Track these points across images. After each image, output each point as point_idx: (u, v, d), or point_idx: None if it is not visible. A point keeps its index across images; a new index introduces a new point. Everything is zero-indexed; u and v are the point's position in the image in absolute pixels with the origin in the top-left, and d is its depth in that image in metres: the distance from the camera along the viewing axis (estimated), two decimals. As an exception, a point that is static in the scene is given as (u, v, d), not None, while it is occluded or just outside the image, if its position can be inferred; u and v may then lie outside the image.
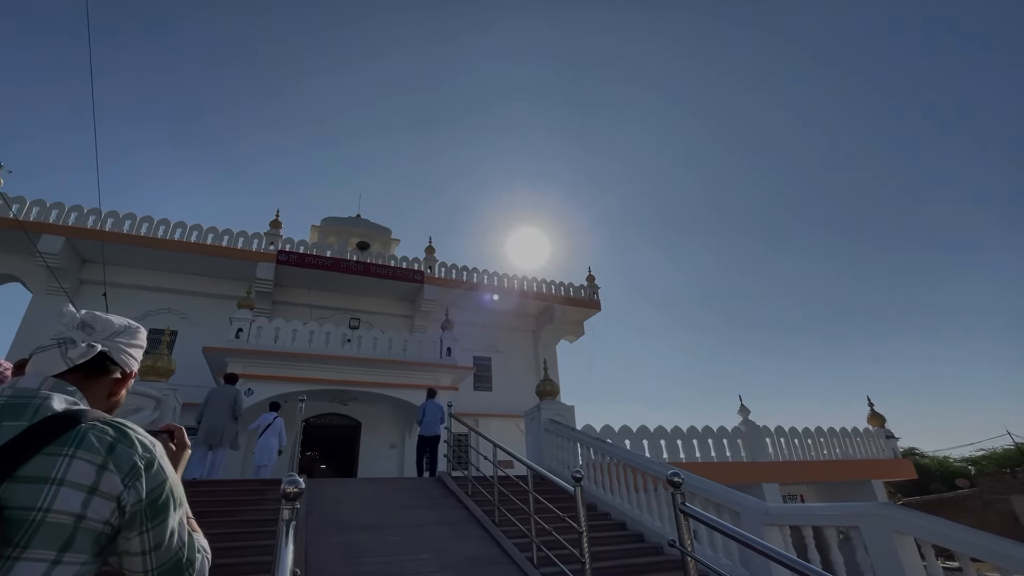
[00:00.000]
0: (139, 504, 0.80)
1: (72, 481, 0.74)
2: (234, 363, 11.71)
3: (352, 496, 5.96)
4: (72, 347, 0.89)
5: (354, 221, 19.27)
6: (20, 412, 0.78)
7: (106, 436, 0.80)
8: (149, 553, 0.82)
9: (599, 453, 7.54)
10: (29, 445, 0.74)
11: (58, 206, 14.00)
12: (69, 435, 0.77)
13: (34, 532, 0.70)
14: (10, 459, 0.72)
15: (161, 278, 15.42)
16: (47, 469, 0.73)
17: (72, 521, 0.73)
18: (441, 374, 13.68)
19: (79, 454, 0.76)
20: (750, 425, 10.31)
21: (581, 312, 20.11)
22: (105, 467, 0.77)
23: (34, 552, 0.69)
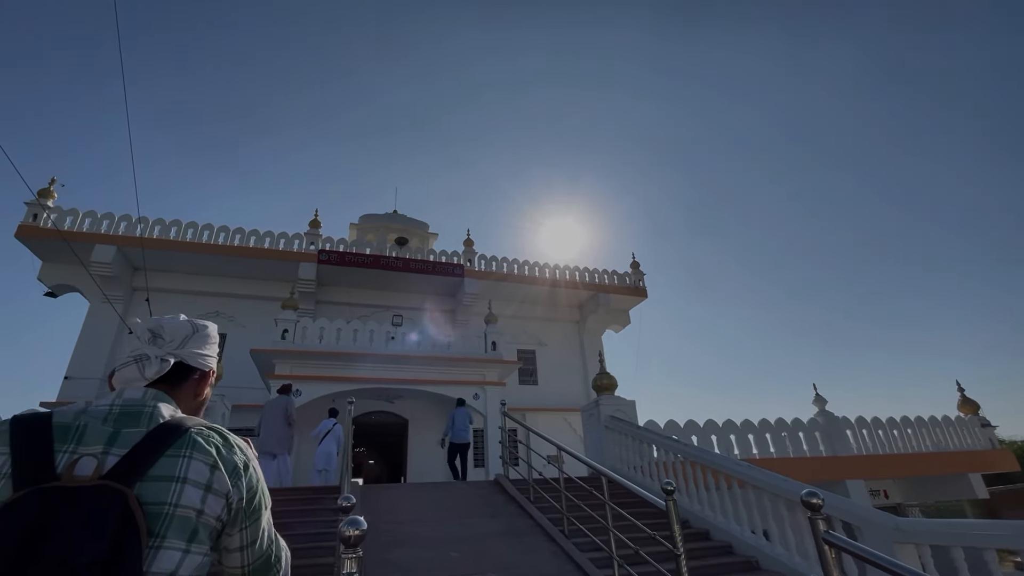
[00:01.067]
0: (241, 502, 0.89)
1: (192, 479, 0.83)
2: (281, 364, 11.65)
3: (409, 505, 5.58)
4: (147, 365, 0.94)
5: (392, 217, 19.09)
6: (137, 419, 0.86)
7: (212, 440, 0.89)
8: (246, 548, 0.91)
9: (665, 451, 6.94)
10: (154, 449, 0.83)
11: (108, 216, 14.33)
12: (182, 439, 0.86)
13: (169, 524, 0.78)
14: (143, 461, 0.81)
15: (209, 282, 15.64)
16: (171, 469, 0.82)
17: (195, 515, 0.82)
18: (487, 369, 13.28)
19: (195, 455, 0.85)
20: (828, 416, 9.41)
21: (627, 300, 19.32)
22: (216, 467, 0.86)
23: (171, 542, 0.78)
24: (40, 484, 0.74)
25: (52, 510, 0.71)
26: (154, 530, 0.77)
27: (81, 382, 13.51)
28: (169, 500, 0.79)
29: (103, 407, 0.87)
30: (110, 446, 0.81)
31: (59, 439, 0.80)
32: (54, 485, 0.74)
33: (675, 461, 6.96)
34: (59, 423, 0.83)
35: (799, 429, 9.05)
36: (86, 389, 13.46)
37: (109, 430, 0.83)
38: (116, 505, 0.74)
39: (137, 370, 0.93)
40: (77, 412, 0.86)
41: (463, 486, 6.64)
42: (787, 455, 8.74)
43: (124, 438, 0.82)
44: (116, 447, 0.81)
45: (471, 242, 17.88)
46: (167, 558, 0.76)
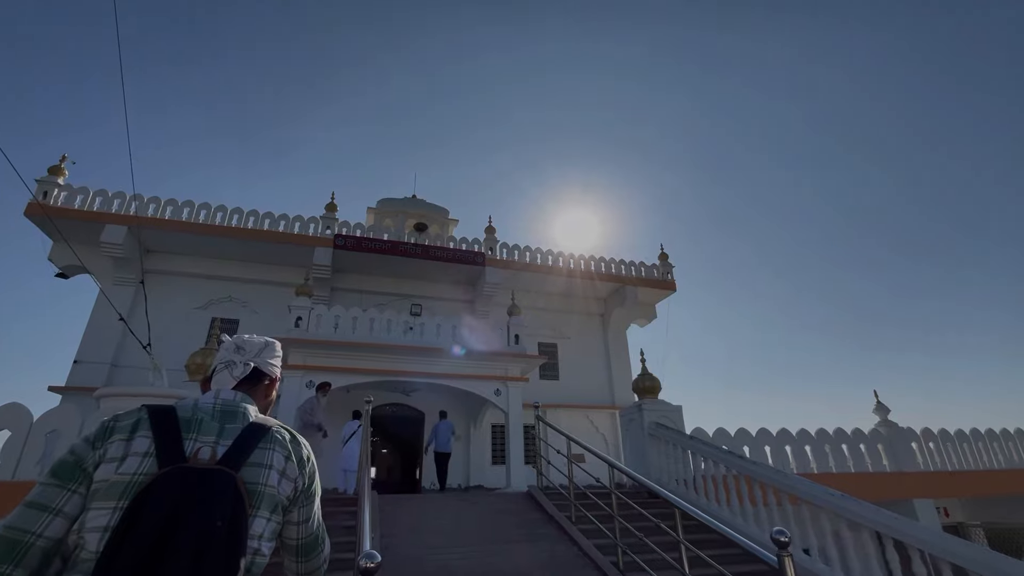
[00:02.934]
0: (303, 486, 1.16)
1: (275, 467, 1.09)
2: (293, 354, 11.04)
3: (433, 523, 4.87)
4: (235, 368, 1.24)
5: (410, 202, 18.36)
6: (235, 417, 1.13)
7: (286, 437, 1.16)
8: (301, 524, 1.16)
9: (715, 463, 6.15)
10: (250, 441, 1.09)
11: (120, 196, 13.82)
12: (268, 436, 1.12)
13: (261, 499, 1.04)
14: (244, 451, 1.07)
15: (222, 267, 15.11)
16: (262, 458, 1.08)
17: (276, 493, 1.07)
18: (510, 364, 12.54)
19: (276, 448, 1.11)
20: (892, 427, 8.50)
21: (653, 294, 18.41)
22: (289, 458, 1.13)
23: (262, 512, 1.04)
24: (177, 464, 0.98)
25: (191, 484, 0.96)
26: (252, 503, 1.03)
27: (91, 366, 13.09)
28: (261, 481, 1.05)
29: (208, 404, 1.14)
30: (219, 438, 1.07)
31: (184, 430, 1.05)
32: (187, 466, 0.99)
33: (726, 475, 6.19)
34: (182, 417, 1.08)
35: (860, 441, 8.15)
36: (96, 374, 13.04)
37: (217, 425, 1.09)
38: (231, 484, 0.99)
39: (228, 373, 1.23)
40: (192, 408, 1.12)
41: (493, 500, 5.91)
42: (847, 470, 7.87)
43: (228, 432, 1.09)
44: (223, 439, 1.07)
45: (493, 229, 17.09)
46: (258, 524, 1.03)
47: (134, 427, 1.03)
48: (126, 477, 0.95)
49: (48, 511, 0.92)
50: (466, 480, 14.83)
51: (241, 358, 1.25)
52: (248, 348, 1.27)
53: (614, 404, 17.33)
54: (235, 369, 1.23)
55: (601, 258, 17.94)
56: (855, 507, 4.75)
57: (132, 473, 0.95)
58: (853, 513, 4.77)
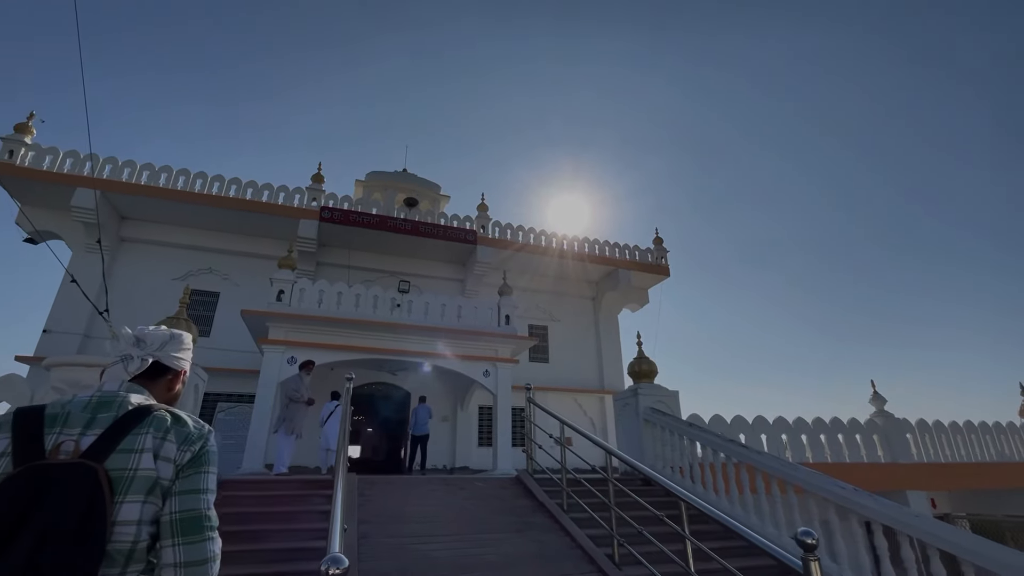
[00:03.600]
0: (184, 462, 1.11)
1: (149, 448, 1.06)
2: (275, 328, 10.60)
3: (416, 510, 4.55)
4: (130, 363, 1.21)
5: (401, 176, 17.76)
6: (109, 406, 1.11)
7: (166, 419, 1.12)
8: (176, 496, 1.08)
9: (713, 451, 5.92)
10: (121, 428, 1.07)
11: (92, 158, 13.08)
12: (146, 420, 1.10)
13: (130, 484, 1.02)
14: (112, 438, 1.04)
15: (202, 236, 14.51)
16: (133, 443, 1.05)
17: (151, 475, 1.05)
18: (499, 344, 12.22)
19: (151, 432, 1.08)
20: (887, 418, 8.35)
21: (646, 278, 18.15)
22: (167, 439, 1.09)
23: (132, 497, 1.01)
24: (32, 462, 0.97)
25: (41, 482, 0.94)
26: (118, 490, 1.00)
27: (62, 336, 12.54)
28: (131, 466, 1.03)
29: (85, 398, 1.13)
30: (87, 429, 1.06)
31: (48, 425, 1.05)
32: (42, 464, 0.97)
33: (722, 462, 5.97)
34: (48, 413, 1.07)
35: (856, 431, 7.99)
36: (67, 344, 12.49)
37: (88, 416, 1.08)
38: (89, 476, 0.97)
39: (122, 367, 1.20)
40: (64, 403, 1.10)
41: (481, 486, 5.61)
42: (843, 460, 7.71)
43: (98, 422, 1.07)
44: (92, 429, 1.06)
45: (485, 207, 16.60)
46: (130, 509, 1.00)
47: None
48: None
49: None
50: (451, 461, 14.62)
51: (140, 352, 1.23)
52: (150, 341, 1.26)
53: (603, 388, 17.17)
54: (131, 364, 1.21)
55: (595, 240, 17.59)
56: (867, 501, 4.55)
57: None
58: (859, 505, 4.59)
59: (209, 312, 14.14)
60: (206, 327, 13.86)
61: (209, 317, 14.07)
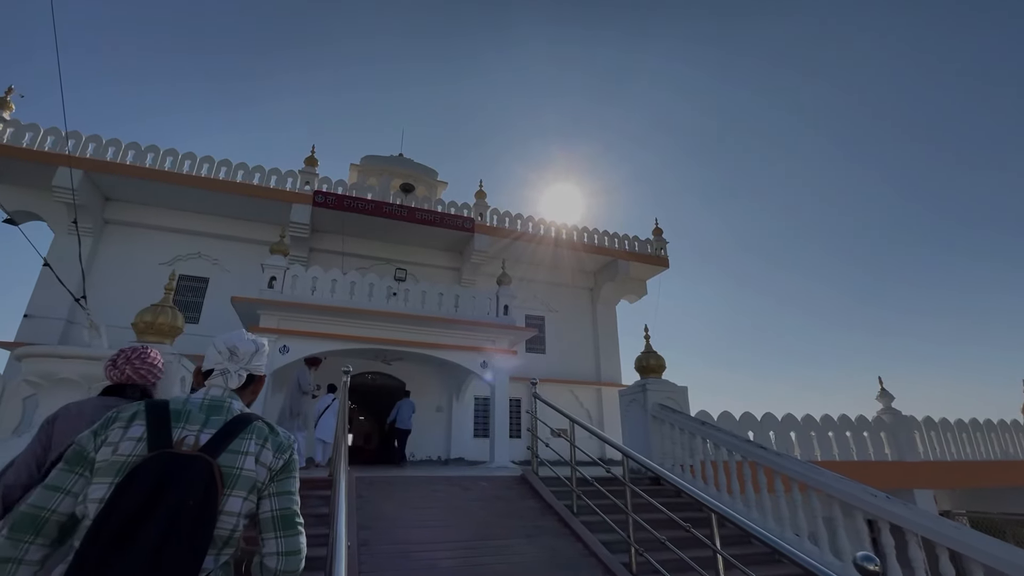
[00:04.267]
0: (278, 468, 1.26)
1: (251, 453, 1.22)
2: (267, 316, 10.24)
3: (420, 514, 4.28)
4: (230, 378, 1.37)
5: (397, 160, 17.30)
6: (220, 410, 1.28)
7: (264, 430, 1.29)
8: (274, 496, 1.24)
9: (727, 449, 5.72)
10: (232, 431, 1.23)
11: (74, 135, 12.53)
12: (248, 427, 1.26)
13: (236, 481, 1.17)
14: (223, 440, 1.21)
15: (190, 220, 14.02)
16: (240, 446, 1.21)
17: (252, 476, 1.20)
18: (497, 335, 11.95)
19: (253, 438, 1.25)
20: (895, 415, 8.20)
21: (645, 270, 17.93)
22: (265, 446, 1.26)
23: (237, 492, 1.17)
24: (163, 449, 1.14)
25: (172, 466, 1.11)
26: (227, 484, 1.16)
27: (42, 322, 12.08)
28: (237, 465, 1.19)
29: (198, 399, 1.30)
30: (203, 427, 1.22)
31: (174, 419, 1.21)
32: (171, 451, 1.14)
33: (737, 462, 5.77)
34: (173, 408, 1.24)
35: (864, 428, 7.83)
36: (48, 329, 12.05)
37: (203, 416, 1.25)
38: (207, 468, 1.13)
39: (223, 381, 1.37)
40: (183, 401, 1.27)
41: (483, 484, 5.36)
42: (851, 458, 7.55)
43: (212, 423, 1.24)
44: (207, 428, 1.22)
45: (483, 194, 16.22)
46: (234, 502, 1.16)
47: (132, 417, 1.20)
48: (121, 458, 1.12)
49: (60, 491, 1.12)
50: (447, 452, 14.41)
51: (235, 367, 1.38)
52: (241, 355, 1.40)
53: (600, 380, 17.01)
54: (231, 379, 1.37)
55: (594, 230, 17.30)
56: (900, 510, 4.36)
57: (127, 455, 1.13)
58: (891, 514, 4.40)
59: (198, 298, 13.72)
60: (194, 313, 13.46)
61: (198, 303, 13.66)
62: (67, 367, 3.78)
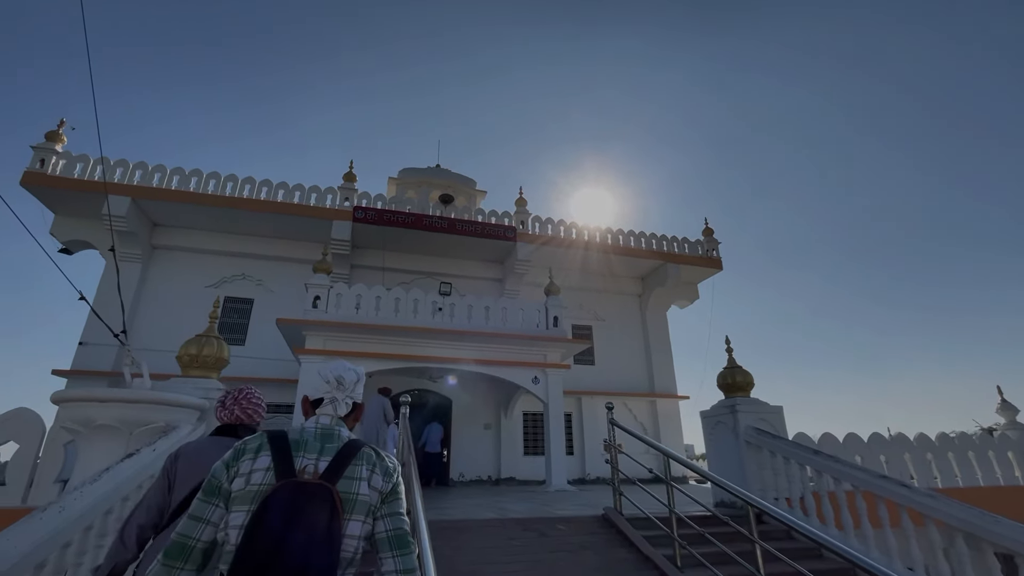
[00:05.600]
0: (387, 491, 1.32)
1: (364, 478, 1.28)
2: (312, 337, 9.94)
3: (499, 569, 3.66)
4: (338, 406, 1.45)
5: (434, 172, 16.99)
6: (332, 438, 1.34)
7: (372, 456, 1.35)
8: (387, 517, 1.30)
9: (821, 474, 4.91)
10: (345, 458, 1.30)
11: (122, 164, 12.72)
12: (359, 454, 1.32)
13: (354, 505, 1.23)
14: (339, 467, 1.27)
15: (233, 242, 14.03)
16: (354, 472, 1.28)
17: (367, 500, 1.26)
18: (549, 348, 11.30)
19: (364, 464, 1.31)
20: (1022, 431, 7.07)
21: (696, 272, 16.92)
22: (375, 471, 1.32)
23: (356, 516, 1.23)
24: (289, 478, 1.21)
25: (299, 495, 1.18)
26: (346, 509, 1.22)
27: (96, 348, 12.20)
28: (353, 491, 1.25)
29: (312, 428, 1.36)
30: (320, 455, 1.29)
31: (294, 449, 1.28)
32: (297, 480, 1.21)
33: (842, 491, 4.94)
34: (292, 439, 1.31)
35: (988, 447, 6.75)
36: (102, 356, 12.16)
37: (319, 444, 1.31)
38: (329, 495, 1.20)
39: (333, 409, 1.44)
40: (299, 431, 1.35)
41: (560, 528, 4.69)
42: (976, 483, 6.50)
43: (327, 451, 1.30)
44: (323, 456, 1.29)
45: (524, 201, 15.68)
46: (354, 526, 1.22)
47: (258, 448, 1.28)
48: (255, 487, 1.20)
49: (202, 521, 1.22)
50: (497, 472, 13.80)
51: (343, 395, 1.47)
52: (347, 384, 1.48)
53: (653, 391, 16.08)
54: (339, 407, 1.45)
55: (640, 233, 16.46)
56: None
57: (259, 484, 1.20)
58: None
59: (243, 319, 13.66)
60: (240, 335, 13.38)
61: (243, 325, 13.60)
62: (106, 412, 3.37)
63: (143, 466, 2.98)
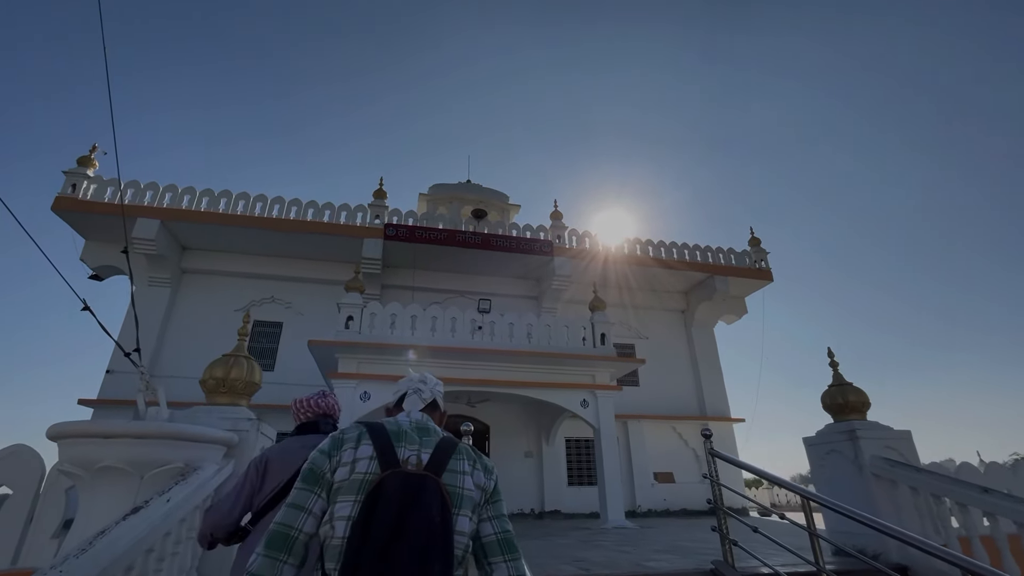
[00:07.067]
0: (491, 489, 1.24)
1: (467, 473, 1.19)
2: (345, 360, 9.27)
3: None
4: (423, 393, 1.41)
5: (466, 187, 16.49)
6: (428, 431, 1.24)
7: (471, 451, 1.27)
8: (495, 519, 1.22)
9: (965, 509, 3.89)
10: (447, 451, 1.19)
11: (152, 187, 12.51)
12: (459, 448, 1.22)
13: (461, 500, 1.14)
14: (442, 460, 1.17)
15: (262, 264, 13.64)
16: (457, 466, 1.18)
17: (473, 495, 1.17)
18: (597, 369, 10.39)
19: (465, 458, 1.21)
20: None
21: (743, 285, 15.86)
22: (475, 466, 1.23)
23: (464, 511, 1.14)
24: (395, 468, 1.12)
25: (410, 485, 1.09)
26: (455, 503, 1.13)
27: (124, 376, 11.75)
28: (459, 484, 1.16)
29: (406, 420, 1.28)
30: (421, 447, 1.19)
31: (395, 440, 1.18)
32: (403, 471, 1.12)
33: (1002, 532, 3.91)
34: (390, 430, 1.21)
35: None
36: (129, 384, 11.68)
37: (417, 436, 1.21)
38: (438, 487, 1.11)
39: (418, 397, 1.40)
40: (395, 422, 1.27)
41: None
42: None
43: (426, 443, 1.20)
44: (424, 448, 1.19)
45: (559, 214, 14.99)
46: (463, 522, 1.13)
47: (358, 438, 1.18)
48: (360, 476, 1.10)
49: (303, 510, 1.11)
50: (540, 504, 12.76)
51: (426, 388, 1.43)
52: (429, 381, 1.46)
53: (705, 414, 14.90)
54: (423, 394, 1.41)
55: (684, 244, 15.54)
56: None
57: (364, 472, 1.11)
58: None
59: (272, 344, 13.14)
60: (270, 360, 12.84)
61: (272, 349, 13.07)
62: (111, 451, 2.67)
63: (151, 525, 2.24)
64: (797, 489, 3.48)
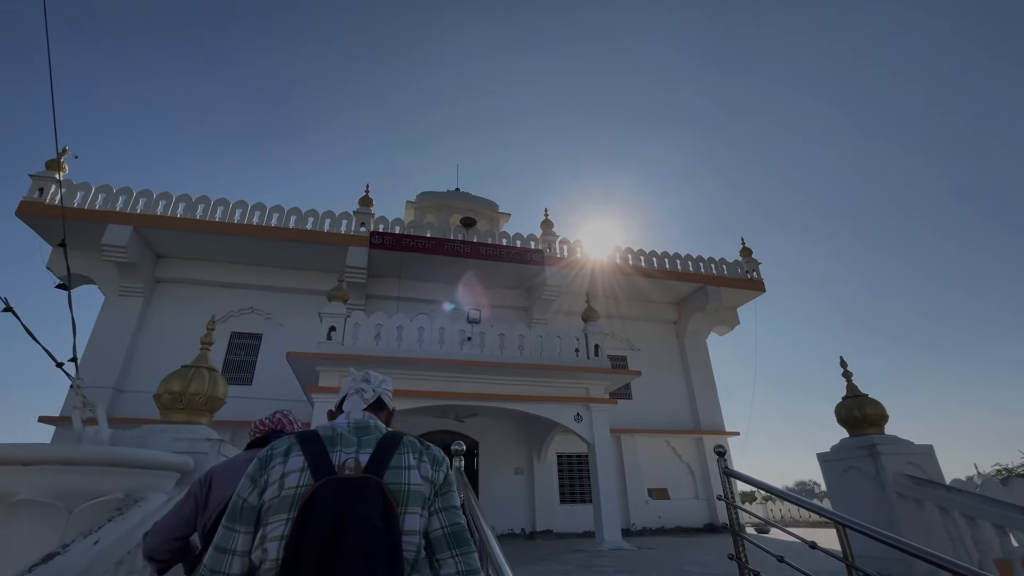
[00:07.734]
0: (440, 481, 1.18)
1: (413, 467, 1.14)
2: (327, 373, 8.76)
3: None
4: (365, 393, 1.35)
5: (454, 195, 16.14)
6: (368, 430, 1.20)
7: (416, 443, 1.22)
8: (443, 511, 1.16)
9: None
10: (388, 448, 1.15)
11: (125, 191, 11.93)
12: (403, 442, 1.19)
13: (408, 497, 1.09)
14: (382, 458, 1.13)
15: (241, 273, 13.07)
16: (400, 462, 1.14)
17: (421, 490, 1.12)
18: (591, 381, 10.00)
19: (410, 453, 1.17)
20: None
21: (738, 295, 15.68)
22: (422, 459, 1.19)
23: (412, 509, 1.09)
24: (330, 476, 1.06)
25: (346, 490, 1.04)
26: (400, 502, 1.08)
27: (90, 391, 10.99)
28: (404, 481, 1.11)
29: (343, 422, 1.23)
30: (359, 448, 1.14)
31: (329, 445, 1.13)
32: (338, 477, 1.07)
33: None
34: (324, 436, 1.16)
35: None
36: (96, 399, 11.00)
37: (355, 437, 1.17)
38: (379, 488, 1.07)
39: (360, 397, 1.34)
40: (330, 426, 1.21)
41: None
42: None
43: (365, 443, 1.16)
44: (363, 449, 1.14)
45: (550, 223, 14.69)
46: (412, 520, 1.08)
47: (287, 450, 1.12)
48: (291, 491, 1.04)
49: (227, 552, 1.05)
50: (531, 524, 12.23)
51: (369, 387, 1.37)
52: (372, 380, 1.40)
53: (699, 428, 14.56)
54: (366, 394, 1.35)
55: (676, 254, 15.34)
56: None
57: (295, 487, 1.05)
58: None
59: (251, 356, 12.54)
60: (247, 374, 12.23)
61: (251, 362, 12.46)
62: (31, 481, 2.20)
63: (71, 575, 1.78)
64: (833, 516, 3.10)
